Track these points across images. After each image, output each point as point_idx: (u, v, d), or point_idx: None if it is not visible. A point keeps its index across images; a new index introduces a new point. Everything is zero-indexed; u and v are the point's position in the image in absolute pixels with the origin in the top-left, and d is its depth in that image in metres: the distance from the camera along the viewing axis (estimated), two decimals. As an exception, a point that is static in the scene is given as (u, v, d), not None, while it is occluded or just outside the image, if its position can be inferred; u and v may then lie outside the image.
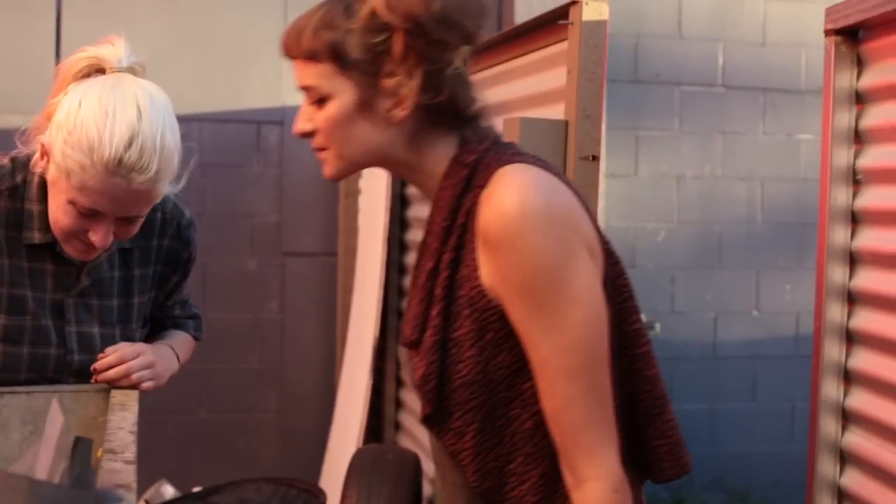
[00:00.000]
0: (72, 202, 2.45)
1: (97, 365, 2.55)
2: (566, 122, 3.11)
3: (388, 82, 1.96)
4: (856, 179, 2.77)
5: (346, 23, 1.97)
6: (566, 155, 3.13)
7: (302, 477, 5.55)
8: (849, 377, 2.72)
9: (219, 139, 6.32)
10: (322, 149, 2.06)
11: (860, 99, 2.76)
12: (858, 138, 2.76)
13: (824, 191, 2.84)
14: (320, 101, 2.01)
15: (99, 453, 1.85)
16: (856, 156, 2.76)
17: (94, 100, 2.44)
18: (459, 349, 1.98)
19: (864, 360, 2.66)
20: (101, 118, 2.40)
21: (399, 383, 5.53)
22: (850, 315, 2.75)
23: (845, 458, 2.69)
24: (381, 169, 2.13)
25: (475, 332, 1.96)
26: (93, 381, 2.56)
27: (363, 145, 2.02)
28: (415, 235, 5.30)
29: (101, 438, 2.04)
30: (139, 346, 2.63)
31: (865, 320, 2.68)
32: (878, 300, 2.63)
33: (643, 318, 5.15)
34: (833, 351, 2.75)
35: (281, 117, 6.36)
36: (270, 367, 6.48)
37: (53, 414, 1.88)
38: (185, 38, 6.19)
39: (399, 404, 5.55)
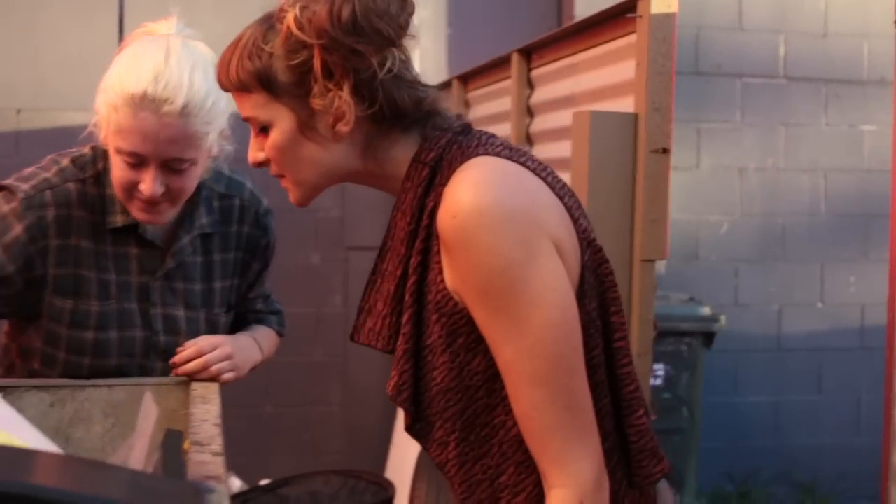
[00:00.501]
0: (117, 151, 2.50)
1: (176, 359, 2.58)
2: (636, 115, 3.11)
3: (320, 102, 1.90)
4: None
5: (268, 48, 1.92)
6: (636, 148, 3.12)
7: (367, 470, 5.59)
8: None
9: (282, 135, 6.34)
10: (280, 176, 2.02)
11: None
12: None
13: (895, 183, 2.82)
14: (264, 129, 1.97)
15: (186, 445, 1.88)
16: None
17: (128, 51, 2.54)
18: (432, 356, 1.92)
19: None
20: (129, 61, 2.49)
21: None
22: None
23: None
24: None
25: (445, 338, 1.90)
26: (172, 374, 2.59)
27: (316, 167, 1.96)
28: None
29: (184, 431, 2.06)
30: (217, 339, 2.66)
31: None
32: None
33: (708, 310, 5.15)
34: (906, 342, 2.73)
35: (343, 112, 6.38)
36: (334, 361, 6.51)
37: (147, 407, 1.90)
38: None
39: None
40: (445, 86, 5.84)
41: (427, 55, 6.57)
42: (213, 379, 2.56)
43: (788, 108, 6.41)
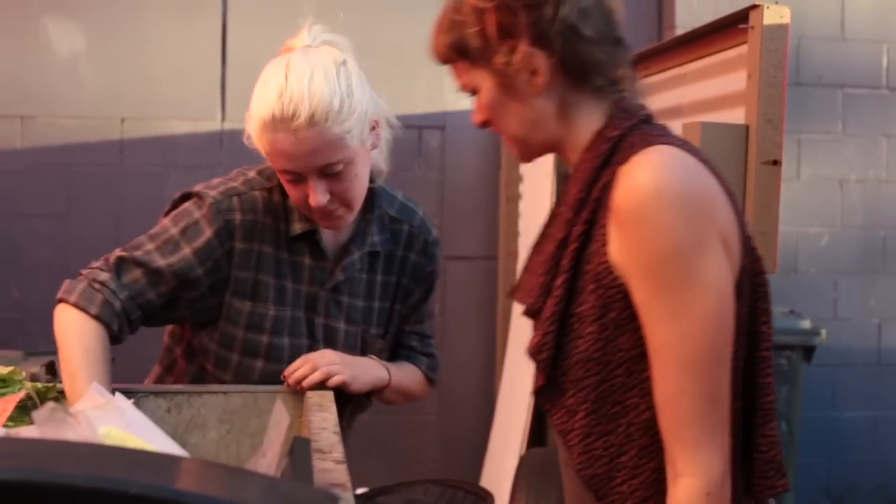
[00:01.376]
0: (279, 171, 2.59)
1: (285, 372, 2.60)
2: (747, 127, 3.09)
3: (502, 60, 2.01)
4: None
5: (458, 18, 2.06)
6: (747, 159, 3.10)
7: (463, 479, 5.58)
8: None
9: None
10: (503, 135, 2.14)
11: None
12: None
13: None
14: (475, 93, 2.10)
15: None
16: None
17: (260, 78, 2.62)
18: (581, 324, 1.96)
19: None
20: (259, 88, 2.58)
21: (561, 387, 5.51)
22: None
23: None
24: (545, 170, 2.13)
25: (598, 309, 1.94)
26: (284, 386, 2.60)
27: (522, 123, 2.06)
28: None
29: (308, 436, 2.07)
30: (325, 351, 2.68)
31: None
32: None
33: (808, 324, 5.10)
34: None
35: (442, 122, 6.40)
36: (431, 370, 6.51)
37: (278, 414, 1.92)
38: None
39: (561, 408, 5.53)
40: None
41: (526, 65, 6.55)
42: (323, 385, 2.57)
43: (891, 118, 6.33)
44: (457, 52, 2.08)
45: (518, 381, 5.48)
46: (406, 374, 2.94)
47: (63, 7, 6.15)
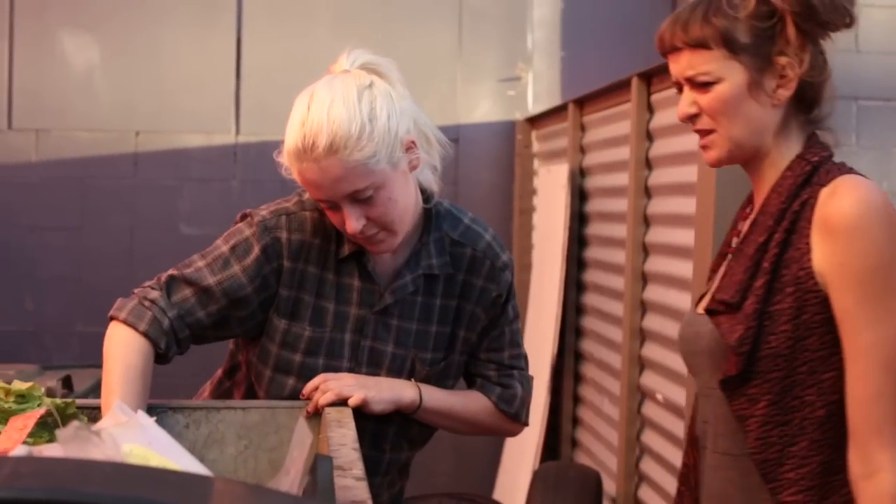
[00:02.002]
0: (316, 199, 2.60)
1: (303, 391, 2.59)
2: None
3: (780, 61, 2.14)
4: None
5: (734, 11, 2.14)
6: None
7: (476, 493, 5.57)
8: None
9: (395, 157, 6.38)
10: (708, 132, 2.21)
11: None
12: None
13: None
14: (705, 85, 2.17)
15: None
16: None
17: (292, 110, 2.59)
18: (773, 322, 2.10)
19: None
20: (289, 120, 2.56)
21: (576, 400, 5.52)
22: None
23: None
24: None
25: (794, 310, 2.09)
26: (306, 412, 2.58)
27: (750, 124, 2.18)
28: (593, 253, 5.29)
29: (327, 452, 2.07)
30: (342, 374, 2.66)
31: None
32: None
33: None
34: None
35: (456, 135, 6.41)
36: (445, 383, 6.51)
37: (301, 432, 1.92)
38: (362, 56, 6.27)
39: (576, 421, 5.54)
40: (561, 109, 5.84)
41: (540, 78, 6.57)
42: (343, 402, 2.56)
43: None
44: (721, 39, 2.14)
45: (533, 393, 5.47)
46: (466, 401, 2.82)
47: (79, 21, 6.18)
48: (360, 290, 2.67)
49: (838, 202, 2.06)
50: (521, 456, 5.59)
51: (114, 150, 6.20)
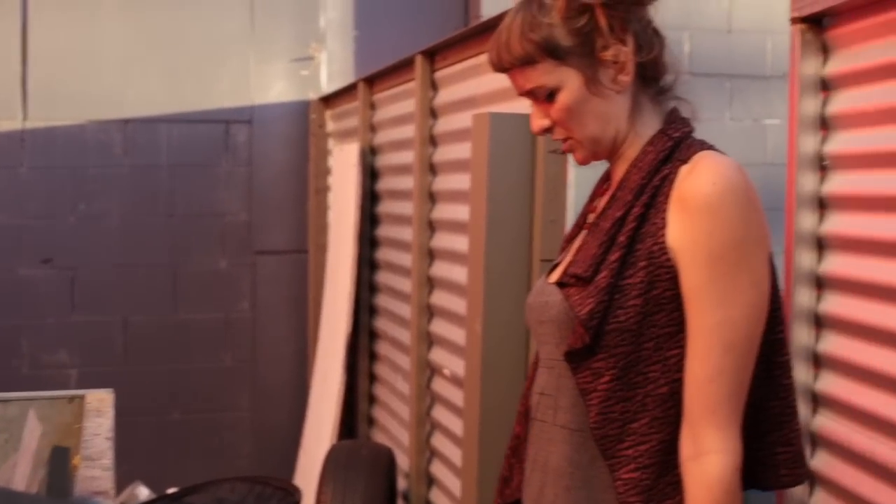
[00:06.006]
0: None
1: None
2: (534, 116, 3.10)
3: (606, 54, 2.13)
4: (822, 165, 2.78)
5: (546, 19, 2.13)
6: (535, 148, 3.13)
7: (276, 474, 5.57)
8: (819, 361, 2.73)
9: (188, 139, 6.31)
10: (566, 139, 2.23)
11: (826, 86, 2.77)
12: (825, 125, 2.78)
13: (791, 177, 2.84)
14: (549, 96, 2.17)
15: (76, 461, 1.85)
16: (822, 142, 2.77)
17: None
18: (624, 296, 2.09)
19: (834, 344, 2.67)
20: None
21: (372, 379, 5.53)
22: (819, 300, 2.76)
23: (815, 441, 2.70)
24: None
25: (645, 284, 2.08)
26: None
27: (601, 119, 2.18)
28: (385, 231, 5.30)
29: (78, 445, 2.04)
30: None
31: (835, 304, 2.69)
32: (847, 284, 2.64)
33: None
34: (802, 335, 2.75)
35: (249, 116, 6.36)
36: (243, 366, 6.48)
37: (31, 423, 1.87)
38: (151, 39, 6.18)
39: (372, 400, 5.55)
40: (351, 88, 5.83)
41: (334, 57, 6.55)
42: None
43: (694, 103, 6.44)
44: (545, 50, 2.13)
45: (329, 374, 5.46)
46: None
47: None
48: None
49: (695, 179, 2.06)
50: (319, 437, 5.58)
51: None
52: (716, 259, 2.02)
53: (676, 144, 2.16)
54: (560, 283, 2.20)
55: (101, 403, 2.38)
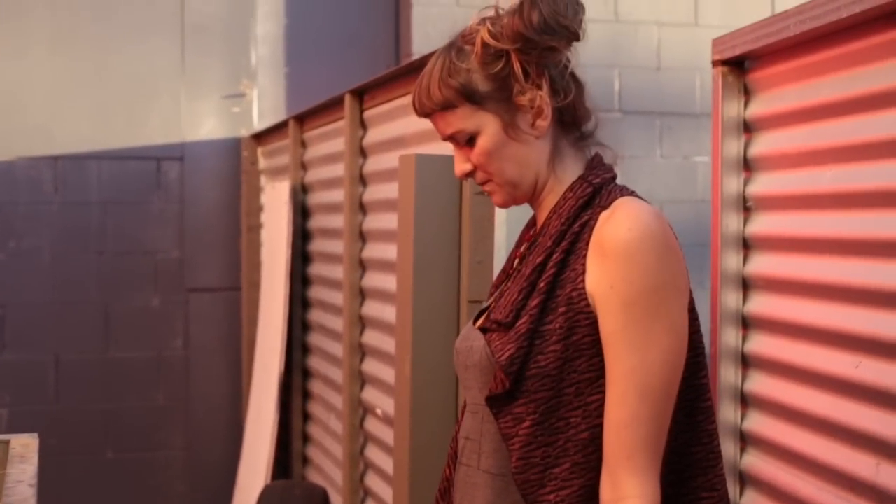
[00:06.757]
0: None
1: None
2: (461, 157, 3.12)
3: (522, 99, 2.14)
4: (746, 206, 2.82)
5: (464, 65, 2.15)
6: (461, 190, 3.15)
7: (211, 514, 5.53)
8: (745, 400, 2.76)
9: (119, 176, 6.29)
10: (486, 181, 2.24)
11: (748, 128, 2.81)
12: (747, 166, 2.81)
13: (716, 217, 2.89)
14: (469, 140, 2.19)
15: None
16: (745, 183, 2.81)
17: None
18: (544, 342, 2.09)
19: (760, 383, 2.70)
20: None
21: (306, 417, 5.51)
22: (744, 339, 2.79)
23: (744, 479, 2.73)
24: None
25: (565, 330, 2.08)
26: None
27: (520, 164, 2.19)
28: (317, 270, 5.30)
29: (1, 492, 2.02)
30: None
31: (759, 344, 2.72)
32: (771, 324, 2.67)
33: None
34: (729, 375, 2.78)
35: (181, 153, 6.34)
36: (176, 405, 6.44)
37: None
38: (82, 75, 6.15)
39: (306, 439, 5.53)
40: (283, 125, 5.83)
41: (265, 94, 6.55)
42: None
43: (624, 140, 6.50)
44: (463, 96, 2.15)
45: (263, 412, 5.45)
46: None
47: None
48: None
49: (613, 225, 2.07)
50: (254, 475, 5.55)
51: None
52: (632, 305, 2.02)
53: (597, 190, 2.17)
54: (483, 329, 2.21)
55: (25, 449, 2.37)
